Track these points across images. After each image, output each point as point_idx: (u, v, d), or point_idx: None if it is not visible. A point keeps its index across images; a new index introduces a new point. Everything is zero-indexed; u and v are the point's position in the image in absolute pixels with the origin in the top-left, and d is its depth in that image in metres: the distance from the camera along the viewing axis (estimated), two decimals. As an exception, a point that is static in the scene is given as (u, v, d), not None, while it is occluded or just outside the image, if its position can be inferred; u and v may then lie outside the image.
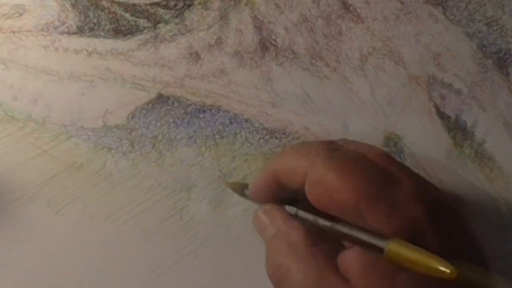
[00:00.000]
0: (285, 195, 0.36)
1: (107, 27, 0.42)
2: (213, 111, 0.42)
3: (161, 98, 0.42)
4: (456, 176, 0.41)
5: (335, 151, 0.34)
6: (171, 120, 0.42)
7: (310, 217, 0.34)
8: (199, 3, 0.43)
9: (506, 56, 0.42)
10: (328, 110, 0.42)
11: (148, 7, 0.42)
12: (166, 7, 0.42)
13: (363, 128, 0.42)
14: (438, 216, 0.33)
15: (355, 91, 0.42)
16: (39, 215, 0.40)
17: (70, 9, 0.42)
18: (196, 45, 0.42)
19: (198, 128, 0.42)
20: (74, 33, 0.42)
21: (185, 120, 0.42)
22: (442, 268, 0.29)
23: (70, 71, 0.42)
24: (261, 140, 0.42)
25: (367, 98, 0.42)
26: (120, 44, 0.42)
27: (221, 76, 0.42)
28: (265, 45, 0.42)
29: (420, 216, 0.32)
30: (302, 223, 0.35)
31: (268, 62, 0.42)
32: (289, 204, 0.36)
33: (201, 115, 0.42)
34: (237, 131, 0.42)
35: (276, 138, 0.42)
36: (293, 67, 0.42)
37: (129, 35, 0.42)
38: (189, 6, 0.43)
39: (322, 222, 0.34)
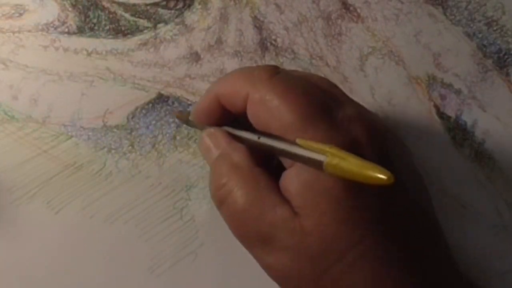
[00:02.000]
0: (227, 118, 0.36)
1: (107, 27, 0.42)
2: (213, 111, 0.42)
3: (161, 98, 0.42)
4: (456, 176, 0.41)
5: (277, 73, 0.34)
6: (171, 120, 0.42)
7: (251, 136, 0.34)
8: (199, 3, 0.43)
9: (506, 56, 0.42)
10: (328, 110, 0.42)
11: (148, 7, 0.42)
12: (166, 7, 0.42)
13: (363, 128, 0.42)
14: (378, 139, 0.33)
15: (355, 91, 0.42)
16: (39, 215, 0.40)
17: (70, 9, 0.42)
18: (196, 45, 0.42)
19: (198, 128, 0.42)
20: (74, 33, 0.42)
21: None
22: (379, 175, 0.28)
23: (70, 71, 0.42)
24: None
25: (367, 98, 0.42)
26: (120, 44, 0.42)
27: (221, 76, 0.42)
28: (265, 45, 0.42)
29: (360, 136, 0.32)
30: (245, 145, 0.35)
31: (268, 62, 0.42)
32: (231, 126, 0.36)
33: (201, 115, 0.42)
34: (237, 131, 0.42)
35: (276, 138, 0.42)
36: (293, 67, 0.42)
37: (129, 35, 0.42)
38: (189, 6, 0.43)
39: (263, 141, 0.33)
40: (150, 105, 0.42)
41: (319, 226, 0.31)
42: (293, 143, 0.32)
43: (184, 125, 0.41)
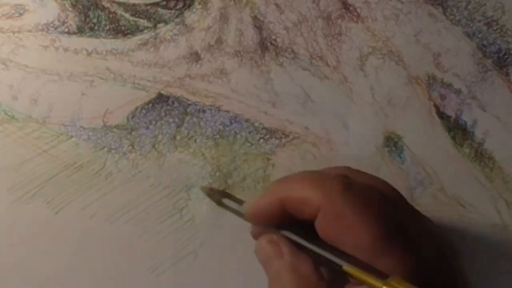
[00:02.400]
0: (286, 221, 0.34)
1: (107, 27, 0.42)
2: (213, 111, 0.42)
3: (161, 98, 0.42)
4: (455, 176, 0.41)
5: (350, 185, 0.33)
6: (171, 120, 0.42)
7: (316, 248, 0.33)
8: (199, 3, 0.43)
9: (506, 56, 0.42)
10: (328, 110, 0.42)
11: (148, 7, 0.42)
12: (166, 7, 0.42)
13: (363, 128, 0.42)
14: (445, 255, 0.33)
15: (355, 91, 0.42)
16: (39, 215, 0.40)
17: (70, 9, 0.42)
18: (196, 45, 0.42)
19: (198, 128, 0.42)
20: (74, 33, 0.42)
21: (185, 120, 0.42)
22: None
23: (70, 71, 0.42)
24: (261, 140, 0.42)
25: (367, 98, 0.42)
26: (120, 44, 0.42)
27: (221, 76, 0.42)
28: (265, 45, 0.42)
29: (429, 255, 0.32)
30: (309, 256, 0.33)
31: (268, 62, 0.42)
32: (292, 231, 0.34)
33: (201, 115, 0.42)
34: (237, 131, 0.42)
35: (276, 138, 0.42)
36: (293, 67, 0.42)
37: (129, 35, 0.42)
38: (189, 6, 0.43)
39: (327, 255, 0.33)
40: (150, 105, 0.42)
41: None
42: (360, 263, 0.31)
43: (184, 125, 0.41)
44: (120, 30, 0.42)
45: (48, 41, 0.42)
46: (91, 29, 0.42)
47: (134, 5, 0.42)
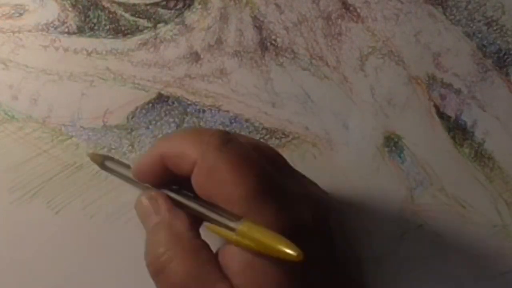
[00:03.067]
0: (169, 179, 0.35)
1: (107, 27, 0.42)
2: (213, 111, 0.42)
3: (161, 98, 0.42)
4: (456, 176, 0.41)
5: (229, 141, 0.33)
6: (171, 120, 0.42)
7: (193, 204, 0.33)
8: (199, 3, 0.43)
9: (506, 56, 0.42)
10: (328, 110, 0.42)
11: (148, 7, 0.42)
12: (166, 7, 0.42)
13: (363, 128, 0.42)
14: (323, 219, 0.33)
15: (355, 91, 0.42)
16: (39, 215, 0.40)
17: (70, 9, 0.42)
18: (196, 45, 0.42)
19: (198, 128, 0.42)
20: (74, 33, 0.42)
21: (185, 120, 0.42)
22: (288, 251, 0.28)
23: (70, 71, 0.42)
24: (261, 140, 0.42)
25: (367, 98, 0.42)
26: (120, 44, 0.42)
27: (221, 76, 0.42)
28: (265, 45, 0.42)
29: (306, 218, 0.32)
30: (187, 213, 0.34)
31: (268, 62, 0.42)
32: (171, 189, 0.35)
33: (201, 115, 0.42)
34: (237, 131, 0.42)
35: (276, 138, 0.42)
36: (293, 67, 0.42)
37: (129, 35, 0.42)
38: (189, 6, 0.43)
39: (203, 210, 0.33)
40: (150, 105, 0.42)
41: None
42: (220, 208, 0.32)
43: (184, 125, 0.41)
44: (120, 30, 0.42)
45: (48, 41, 0.42)
46: (91, 29, 0.42)
47: (134, 5, 0.42)
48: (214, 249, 0.33)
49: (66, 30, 0.42)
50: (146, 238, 0.34)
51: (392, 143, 0.42)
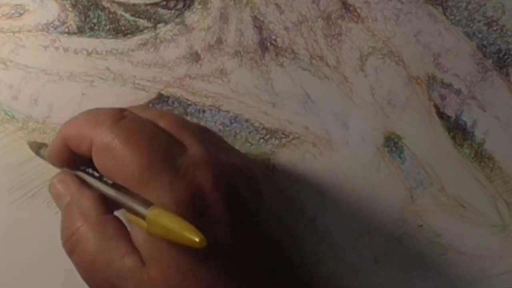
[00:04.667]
0: (81, 161, 0.35)
1: (107, 27, 0.42)
2: (213, 111, 0.42)
3: (161, 98, 0.42)
4: (456, 176, 0.41)
5: (122, 118, 0.33)
6: (171, 120, 0.41)
7: (98, 183, 0.34)
8: (199, 3, 0.43)
9: (506, 56, 0.42)
10: (328, 110, 0.42)
11: (148, 7, 0.42)
12: (166, 7, 0.42)
13: (363, 128, 0.42)
14: (225, 183, 0.32)
15: (355, 91, 0.42)
16: (39, 215, 0.40)
17: (70, 9, 0.42)
18: (196, 45, 0.42)
19: (198, 128, 0.41)
20: (74, 33, 0.42)
21: (185, 120, 0.42)
22: (191, 237, 0.28)
23: (70, 71, 0.42)
24: (261, 140, 0.42)
25: (367, 98, 0.42)
26: (120, 44, 0.42)
27: (221, 76, 0.42)
28: (265, 45, 0.42)
29: (205, 182, 0.31)
30: (95, 191, 0.34)
31: (268, 62, 0.42)
32: (83, 170, 0.35)
33: (201, 115, 0.42)
34: (237, 131, 0.42)
35: (276, 138, 0.42)
36: (293, 67, 0.42)
37: (129, 35, 0.42)
38: (189, 6, 0.43)
39: (105, 190, 0.33)
40: (150, 105, 0.42)
41: (165, 278, 0.31)
42: (129, 193, 0.31)
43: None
44: (120, 30, 0.42)
45: (48, 41, 0.42)
46: (91, 29, 0.42)
47: (134, 5, 0.42)
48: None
49: (66, 30, 0.42)
50: (61, 220, 0.34)
51: (392, 143, 0.42)
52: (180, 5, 0.43)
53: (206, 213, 0.31)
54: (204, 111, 0.42)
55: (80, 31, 0.42)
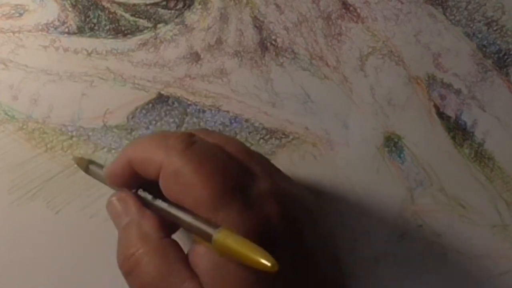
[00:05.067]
0: (141, 181, 0.35)
1: (107, 27, 0.42)
2: (213, 111, 0.42)
3: (161, 98, 0.42)
4: (456, 176, 0.41)
5: (193, 144, 0.33)
6: (171, 120, 0.42)
7: (161, 205, 0.34)
8: (199, 3, 0.43)
9: (506, 56, 0.42)
10: (328, 110, 0.42)
11: (148, 7, 0.42)
12: (166, 7, 0.42)
13: (363, 128, 0.42)
14: (290, 214, 0.33)
15: (355, 91, 0.42)
16: (39, 215, 0.40)
17: (70, 9, 0.42)
18: (196, 45, 0.42)
19: (198, 128, 0.42)
20: (74, 33, 0.42)
21: (185, 120, 0.42)
22: (264, 261, 0.28)
23: (70, 71, 0.42)
24: (261, 140, 0.42)
25: (367, 98, 0.42)
26: (120, 44, 0.42)
27: (221, 76, 0.42)
28: (265, 45, 0.42)
29: (273, 214, 0.32)
30: (156, 213, 0.34)
31: (268, 62, 0.42)
32: (143, 191, 0.35)
33: (201, 115, 0.42)
34: (237, 131, 0.42)
35: (276, 138, 0.42)
36: (293, 67, 0.42)
37: (129, 35, 0.42)
38: (189, 6, 0.43)
39: (172, 211, 0.33)
40: (150, 105, 0.42)
41: None
42: (193, 215, 0.32)
43: (184, 126, 0.41)
44: (120, 30, 0.42)
45: (48, 41, 0.42)
46: (91, 29, 0.42)
47: (134, 5, 0.42)
48: (186, 249, 0.33)
49: (66, 30, 0.42)
50: (118, 239, 0.34)
51: (392, 143, 0.42)
52: (180, 5, 0.43)
53: (272, 242, 0.31)
54: (204, 111, 0.42)
55: (80, 31, 0.42)
